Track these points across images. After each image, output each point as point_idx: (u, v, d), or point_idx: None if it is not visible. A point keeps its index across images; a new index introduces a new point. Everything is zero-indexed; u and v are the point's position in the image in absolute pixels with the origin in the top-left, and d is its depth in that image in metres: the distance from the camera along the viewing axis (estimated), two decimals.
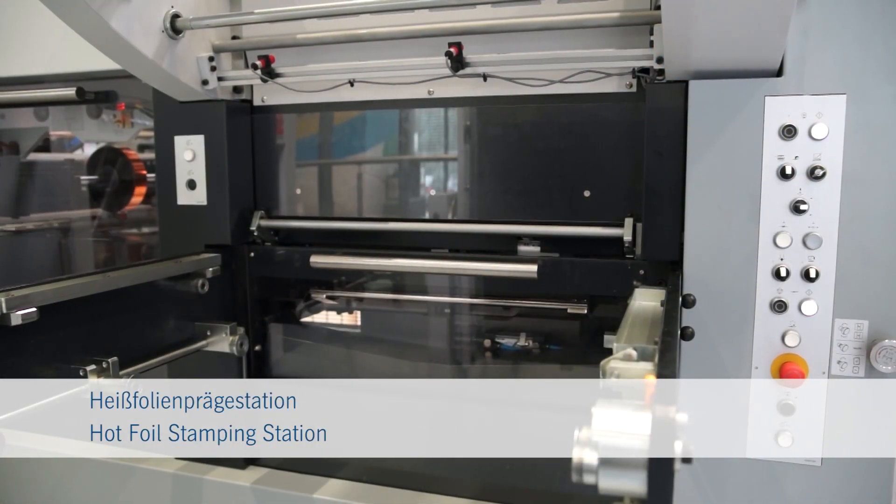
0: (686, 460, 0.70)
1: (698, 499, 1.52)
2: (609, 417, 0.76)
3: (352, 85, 1.78)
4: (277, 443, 1.99)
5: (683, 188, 1.48)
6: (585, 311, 1.80)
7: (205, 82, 1.84)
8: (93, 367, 1.42)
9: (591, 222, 1.68)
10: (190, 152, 1.90)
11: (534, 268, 1.67)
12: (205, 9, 1.80)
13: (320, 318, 2.14)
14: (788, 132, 1.40)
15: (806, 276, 1.41)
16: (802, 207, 1.39)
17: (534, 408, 1.77)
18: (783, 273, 1.42)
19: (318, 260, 1.86)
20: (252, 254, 1.96)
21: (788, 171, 1.39)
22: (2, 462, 2.13)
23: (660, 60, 1.49)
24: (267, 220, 1.95)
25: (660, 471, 0.70)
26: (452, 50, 1.57)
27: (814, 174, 1.38)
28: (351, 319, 2.13)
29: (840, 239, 1.39)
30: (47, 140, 2.53)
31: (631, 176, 1.63)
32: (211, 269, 1.82)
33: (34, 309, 1.29)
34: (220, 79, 1.85)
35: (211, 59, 1.82)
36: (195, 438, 2.02)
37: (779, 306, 1.43)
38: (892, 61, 1.34)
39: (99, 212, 2.44)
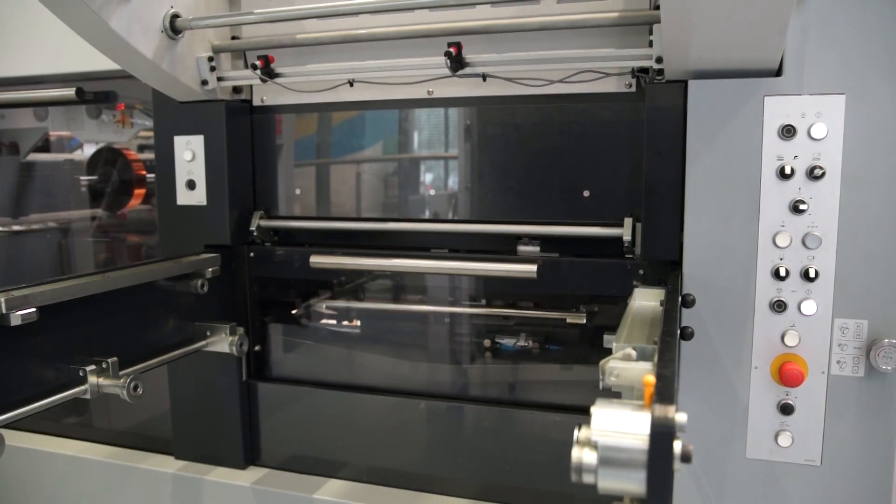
0: (685, 460, 0.70)
1: (698, 499, 1.52)
2: (608, 417, 0.76)
3: (351, 85, 1.78)
4: (277, 443, 2.00)
5: (683, 188, 1.48)
6: (584, 321, 1.80)
7: (204, 82, 1.84)
8: (93, 367, 1.42)
9: (591, 222, 1.68)
10: (189, 152, 1.90)
11: (533, 268, 1.67)
12: (204, 9, 1.80)
13: (320, 318, 2.14)
14: (788, 132, 1.40)
15: (805, 275, 1.41)
16: (802, 207, 1.39)
17: (534, 408, 1.77)
18: (783, 273, 1.42)
19: (317, 260, 1.86)
20: (252, 254, 1.96)
21: (788, 171, 1.39)
22: (2, 462, 2.14)
23: (659, 60, 1.49)
24: (266, 221, 1.95)
25: (659, 470, 0.70)
26: (452, 50, 1.57)
27: (813, 174, 1.38)
28: (351, 320, 2.13)
29: (839, 239, 1.39)
30: (47, 140, 2.52)
31: (631, 176, 1.64)
32: (210, 269, 1.82)
33: (34, 309, 1.29)
34: (219, 79, 1.85)
35: (210, 59, 1.82)
36: (195, 438, 2.03)
37: (778, 306, 1.43)
38: (891, 61, 1.34)
39: (99, 212, 2.44)
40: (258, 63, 1.76)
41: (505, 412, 1.79)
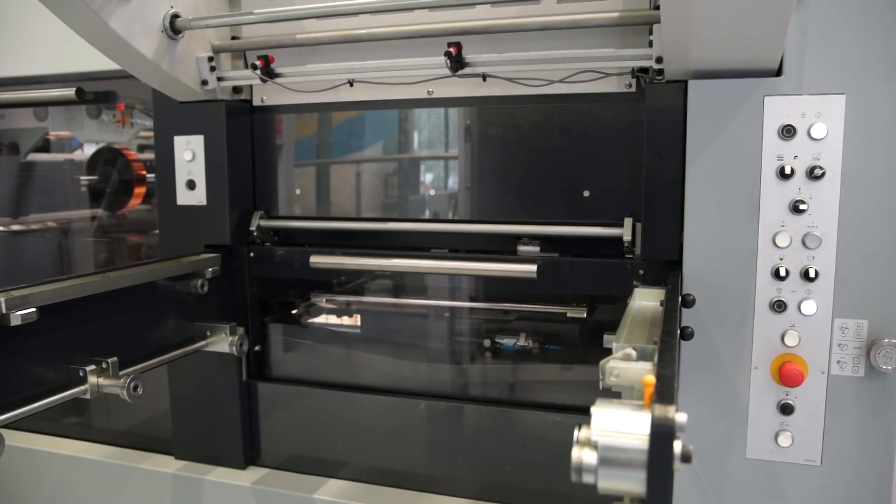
0: (685, 460, 0.70)
1: (698, 499, 1.52)
2: (608, 417, 0.76)
3: (351, 85, 1.78)
4: (277, 443, 2.00)
5: (683, 188, 1.48)
6: (585, 315, 1.80)
7: (204, 82, 1.84)
8: (93, 367, 1.42)
9: (591, 222, 1.68)
10: (189, 152, 1.90)
11: (533, 268, 1.67)
12: (204, 9, 1.80)
13: (320, 318, 2.14)
14: (788, 132, 1.40)
15: (805, 275, 1.41)
16: (802, 207, 1.39)
17: (534, 408, 1.77)
18: (783, 273, 1.42)
19: (317, 260, 1.86)
20: (252, 254, 1.96)
21: (788, 171, 1.39)
22: (2, 462, 2.14)
23: (659, 60, 1.49)
24: (266, 221, 1.95)
25: (659, 470, 0.70)
26: (452, 50, 1.57)
27: (813, 174, 1.38)
28: (351, 320, 2.13)
29: (839, 239, 1.39)
30: (47, 140, 2.53)
31: (630, 176, 1.64)
32: (211, 269, 1.82)
33: (34, 309, 1.29)
34: (219, 79, 1.85)
35: (210, 59, 1.82)
36: (195, 438, 2.03)
37: (778, 306, 1.43)
38: (891, 61, 1.34)
39: (99, 212, 2.44)
40: (258, 63, 1.76)
41: (505, 412, 1.79)
